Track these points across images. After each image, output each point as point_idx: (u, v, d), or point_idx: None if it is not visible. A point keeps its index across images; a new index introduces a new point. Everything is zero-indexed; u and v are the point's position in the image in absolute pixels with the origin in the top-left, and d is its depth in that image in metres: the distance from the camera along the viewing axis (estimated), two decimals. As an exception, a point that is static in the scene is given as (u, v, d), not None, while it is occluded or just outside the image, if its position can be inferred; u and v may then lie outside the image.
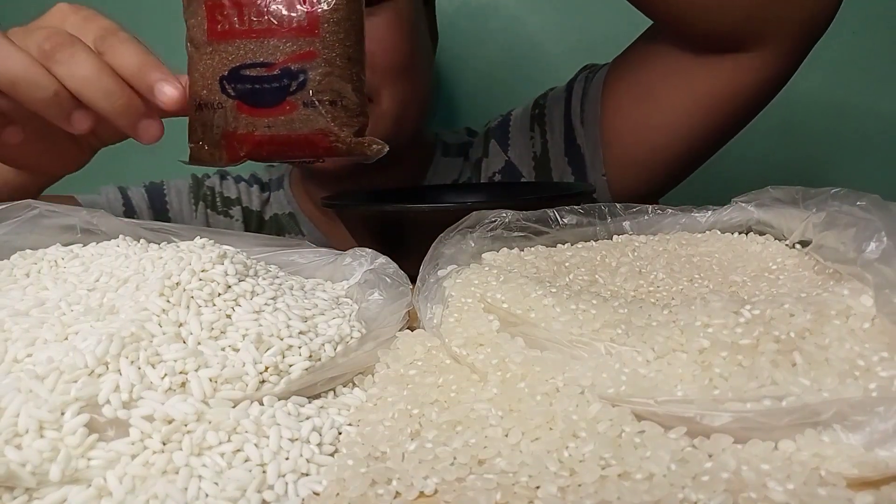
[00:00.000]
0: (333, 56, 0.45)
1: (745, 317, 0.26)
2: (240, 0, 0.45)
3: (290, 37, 0.45)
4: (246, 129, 0.46)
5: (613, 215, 0.46)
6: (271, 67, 0.45)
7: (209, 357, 0.28)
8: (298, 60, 0.45)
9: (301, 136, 0.46)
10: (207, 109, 0.45)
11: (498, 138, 0.80)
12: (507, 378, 0.28)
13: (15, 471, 0.22)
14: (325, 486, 0.24)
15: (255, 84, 0.45)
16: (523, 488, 0.22)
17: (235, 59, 0.45)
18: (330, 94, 0.46)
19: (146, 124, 0.45)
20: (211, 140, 0.46)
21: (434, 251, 0.40)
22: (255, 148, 0.46)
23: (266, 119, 0.46)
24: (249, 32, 0.45)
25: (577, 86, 0.74)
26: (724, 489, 0.21)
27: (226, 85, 0.45)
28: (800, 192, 0.39)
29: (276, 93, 0.45)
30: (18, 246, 0.38)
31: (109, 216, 0.41)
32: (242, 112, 0.45)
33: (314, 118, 0.46)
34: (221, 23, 0.45)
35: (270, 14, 0.44)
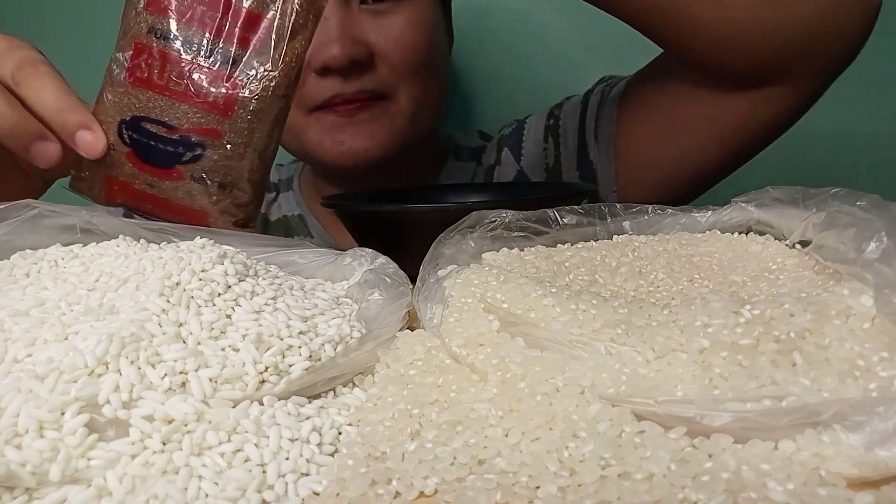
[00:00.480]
0: (238, 143, 0.45)
1: (745, 317, 0.26)
2: (167, 55, 0.44)
3: (201, 109, 0.44)
4: (128, 179, 0.45)
5: (613, 215, 0.46)
6: (172, 130, 0.44)
7: (209, 357, 0.28)
8: (201, 134, 0.44)
9: (179, 206, 0.46)
10: None
11: (511, 147, 0.79)
12: (507, 378, 0.28)
13: (15, 471, 0.22)
14: (325, 486, 0.24)
15: (151, 140, 0.45)
16: (523, 488, 0.22)
17: (142, 109, 0.44)
18: (221, 178, 0.45)
19: (41, 147, 0.42)
20: (94, 175, 0.46)
21: (434, 251, 0.40)
22: (133, 200, 0.46)
23: (150, 177, 0.45)
24: (164, 89, 0.44)
25: (594, 99, 0.73)
26: (724, 489, 0.21)
27: (124, 130, 0.45)
28: (800, 192, 0.39)
29: (168, 156, 0.45)
30: (18, 246, 0.38)
31: (108, 216, 0.41)
32: (130, 161, 0.45)
33: (197, 195, 0.46)
34: (142, 69, 0.45)
35: (191, 80, 0.44)
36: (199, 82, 0.44)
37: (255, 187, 0.47)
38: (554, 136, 0.76)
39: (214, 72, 0.44)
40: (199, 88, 0.44)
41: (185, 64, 0.44)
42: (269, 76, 0.45)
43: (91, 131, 0.43)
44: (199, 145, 0.44)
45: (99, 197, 0.47)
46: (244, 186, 0.46)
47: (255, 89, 0.44)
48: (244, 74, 0.44)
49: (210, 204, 0.46)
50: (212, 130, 0.44)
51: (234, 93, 0.44)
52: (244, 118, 0.45)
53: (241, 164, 0.45)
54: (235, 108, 0.44)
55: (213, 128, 0.44)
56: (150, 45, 0.44)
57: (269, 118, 0.46)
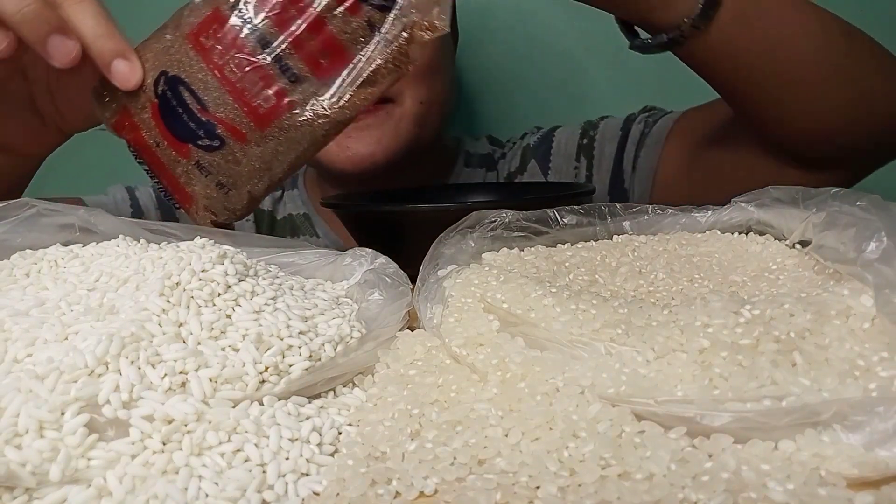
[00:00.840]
0: (257, 155, 0.43)
1: (745, 317, 0.26)
2: (237, 39, 0.42)
3: (241, 108, 0.43)
4: (141, 125, 0.44)
5: (613, 215, 0.46)
6: (204, 111, 0.43)
7: (209, 357, 0.28)
8: (228, 130, 0.43)
9: (172, 178, 0.45)
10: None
11: (539, 159, 0.78)
12: (507, 378, 0.28)
13: (15, 471, 0.22)
14: (325, 486, 0.24)
15: (180, 108, 0.43)
16: (523, 488, 0.22)
17: (187, 74, 0.43)
18: (224, 178, 0.44)
19: (58, 41, 0.40)
20: (114, 99, 0.44)
21: (434, 251, 0.40)
22: (136, 145, 0.45)
23: (161, 139, 0.44)
24: (218, 69, 0.42)
25: (636, 129, 0.72)
26: (724, 489, 0.21)
27: (161, 82, 0.43)
28: (800, 192, 0.39)
29: (187, 131, 0.43)
30: (16, 245, 0.38)
31: (107, 215, 0.41)
32: (151, 112, 0.43)
33: (194, 179, 0.45)
34: (207, 38, 0.43)
35: (247, 76, 0.42)
36: (253, 83, 0.42)
37: (251, 201, 0.46)
38: (587, 156, 0.75)
39: (272, 80, 0.42)
40: (250, 89, 0.42)
41: (249, 58, 0.42)
42: (321, 112, 0.43)
43: (128, 62, 0.42)
44: (220, 138, 0.43)
45: (109, 120, 0.45)
46: (242, 195, 0.45)
47: (300, 117, 0.43)
48: (298, 97, 0.42)
49: (201, 194, 0.45)
50: (239, 133, 0.43)
51: (279, 110, 0.42)
52: (275, 138, 0.43)
53: (250, 176, 0.44)
54: (272, 126, 0.43)
55: (242, 131, 0.43)
56: (226, 19, 0.42)
57: (299, 150, 0.44)
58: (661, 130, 0.70)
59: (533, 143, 0.80)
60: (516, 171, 0.79)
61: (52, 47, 0.39)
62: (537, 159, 0.78)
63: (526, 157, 0.79)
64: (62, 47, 0.39)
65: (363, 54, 0.42)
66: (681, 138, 0.68)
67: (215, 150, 0.43)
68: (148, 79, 0.43)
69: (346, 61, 0.42)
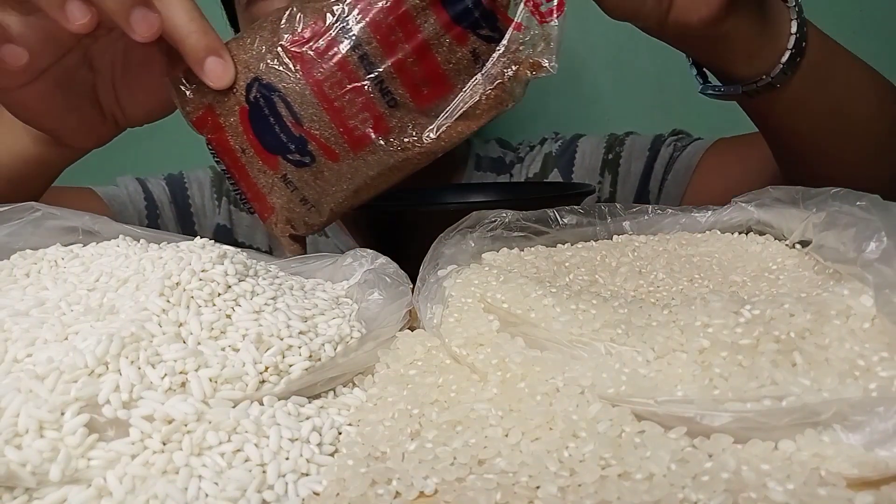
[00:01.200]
0: (346, 176, 0.42)
1: (745, 317, 0.26)
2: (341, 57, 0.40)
3: (337, 129, 0.41)
4: (226, 128, 0.43)
5: (613, 215, 0.46)
6: (298, 126, 0.41)
7: (209, 357, 0.28)
8: (320, 148, 0.41)
9: (254, 187, 0.44)
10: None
11: (561, 168, 0.78)
12: (507, 378, 0.28)
13: (15, 471, 0.22)
14: (325, 486, 0.24)
15: (272, 118, 0.41)
16: (523, 488, 0.22)
17: (283, 84, 0.41)
18: (310, 194, 0.43)
19: (142, 13, 0.38)
20: (198, 95, 0.43)
21: (434, 251, 0.40)
22: (218, 145, 0.43)
23: (248, 146, 0.43)
24: (318, 85, 0.40)
25: (665, 151, 0.72)
26: (724, 489, 0.21)
27: (254, 88, 0.41)
28: (800, 192, 0.39)
29: (278, 144, 0.42)
30: (19, 248, 0.38)
31: (111, 222, 0.40)
32: (240, 118, 0.42)
33: (278, 192, 0.43)
34: (308, 51, 0.40)
35: (346, 97, 0.40)
36: (352, 104, 0.41)
37: (330, 218, 0.45)
38: (612, 172, 0.75)
39: (372, 103, 0.41)
40: (348, 109, 0.41)
41: (351, 78, 0.40)
42: (415, 142, 0.42)
43: (223, 61, 0.40)
44: (311, 155, 0.42)
45: (191, 115, 0.43)
46: (323, 211, 0.44)
47: (394, 145, 0.41)
48: (395, 123, 0.41)
49: (284, 207, 0.44)
50: (332, 152, 0.42)
51: (376, 136, 0.41)
52: (366, 162, 0.42)
53: (335, 195, 0.43)
54: (365, 149, 0.42)
55: (335, 151, 0.41)
56: (331, 35, 0.40)
57: (388, 176, 0.43)
58: (692, 158, 0.70)
59: (556, 152, 0.79)
60: (536, 177, 0.79)
61: (135, 20, 0.38)
62: (560, 169, 0.78)
63: (548, 164, 0.79)
64: (146, 20, 0.38)
65: (465, 86, 0.41)
66: (712, 169, 0.68)
67: (305, 166, 0.42)
68: (239, 82, 0.41)
69: (447, 92, 0.41)
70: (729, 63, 0.47)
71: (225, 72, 0.41)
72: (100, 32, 0.42)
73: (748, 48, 0.45)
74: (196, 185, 0.78)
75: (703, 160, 0.69)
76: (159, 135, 0.58)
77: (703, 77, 0.52)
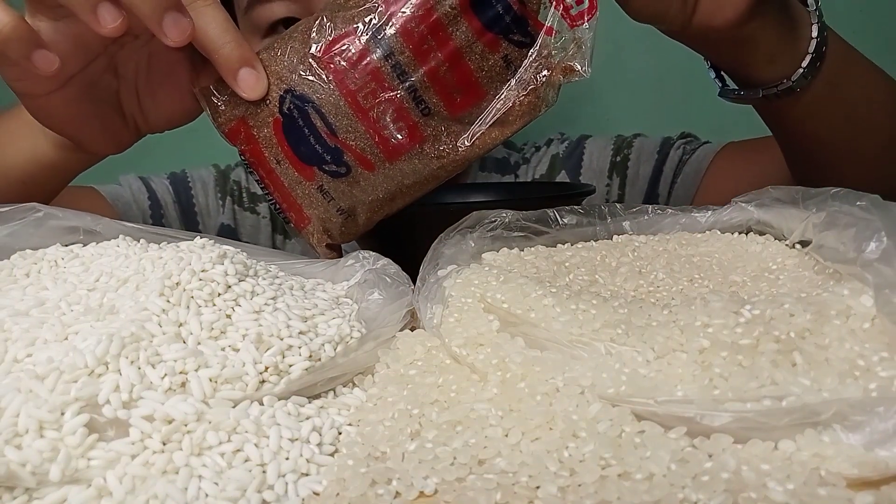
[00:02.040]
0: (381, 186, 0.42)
1: (745, 317, 0.26)
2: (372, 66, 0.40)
3: (372, 139, 0.41)
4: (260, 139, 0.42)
5: (613, 215, 0.46)
6: (333, 137, 0.41)
7: (209, 357, 0.28)
8: (356, 159, 0.41)
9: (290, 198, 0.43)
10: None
11: (569, 170, 0.78)
12: (507, 378, 0.28)
13: (15, 471, 0.22)
14: (325, 486, 0.24)
15: (307, 129, 0.41)
16: (523, 488, 0.22)
17: (317, 96, 0.41)
18: (347, 204, 0.43)
19: (175, 18, 0.37)
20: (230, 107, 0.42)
21: (434, 251, 0.40)
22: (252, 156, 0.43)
23: (283, 156, 0.42)
24: (351, 96, 0.40)
25: (674, 153, 0.72)
26: (724, 489, 0.21)
27: (288, 100, 0.41)
28: (800, 192, 0.39)
29: (313, 155, 0.42)
30: (20, 247, 0.38)
31: (112, 222, 0.40)
32: (274, 129, 0.42)
33: (315, 203, 0.43)
34: (341, 62, 0.40)
35: (380, 107, 0.40)
36: (386, 114, 0.40)
37: (366, 226, 0.45)
38: (620, 175, 0.75)
39: (406, 113, 0.40)
40: (383, 119, 0.40)
41: (385, 88, 0.40)
42: (450, 149, 0.42)
43: (256, 72, 0.40)
44: (346, 165, 0.41)
45: (223, 126, 0.43)
46: (359, 220, 0.44)
47: (429, 153, 0.41)
48: (430, 132, 0.41)
49: (320, 217, 0.43)
50: (368, 162, 0.41)
51: (410, 145, 0.41)
52: (402, 171, 0.42)
53: (371, 204, 0.43)
54: (401, 159, 0.41)
55: (370, 161, 0.41)
56: (363, 45, 0.40)
57: (424, 184, 0.43)
58: (702, 161, 0.70)
59: (563, 153, 0.79)
60: (542, 178, 0.79)
61: (167, 25, 0.37)
62: (568, 170, 0.78)
63: (555, 166, 0.79)
64: (178, 25, 0.37)
65: (498, 93, 0.41)
66: (721, 173, 0.68)
67: (341, 176, 0.42)
68: (272, 93, 0.41)
69: (480, 99, 0.42)
70: (750, 66, 0.47)
71: (258, 83, 0.40)
72: (126, 39, 0.42)
73: (770, 52, 0.45)
74: (200, 184, 0.78)
75: (713, 164, 0.69)
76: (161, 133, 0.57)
77: (721, 80, 0.52)
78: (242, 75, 0.40)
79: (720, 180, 0.68)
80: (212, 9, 0.40)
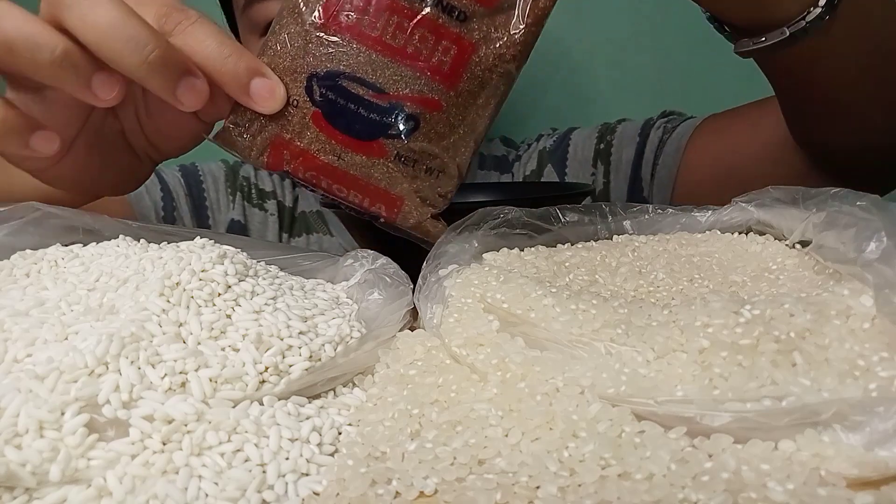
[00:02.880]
0: (458, 121, 0.37)
1: (745, 317, 0.26)
2: (383, 4, 0.35)
3: (423, 73, 0.36)
4: (307, 146, 0.38)
5: (614, 214, 0.46)
6: (382, 95, 0.36)
7: (209, 357, 0.28)
8: (419, 104, 0.36)
9: (369, 187, 0.38)
10: None
11: (555, 163, 0.77)
12: (507, 378, 0.28)
13: (15, 471, 0.22)
14: (325, 486, 0.24)
15: (352, 104, 0.37)
16: (523, 488, 0.22)
17: (343, 63, 0.36)
18: (431, 161, 0.38)
19: (188, 84, 0.35)
20: (257, 134, 0.38)
21: (437, 250, 0.40)
22: (310, 171, 0.38)
23: (341, 147, 0.37)
24: (378, 42, 0.36)
25: (654, 134, 0.70)
26: (724, 489, 0.21)
27: (315, 85, 0.36)
28: (800, 192, 0.39)
29: (371, 126, 0.37)
30: (20, 247, 0.38)
31: (112, 221, 0.40)
32: (316, 125, 0.37)
33: (398, 176, 0.38)
34: (348, 12, 0.36)
35: (413, 34, 0.36)
36: (425, 39, 0.36)
37: (460, 176, 0.40)
38: (605, 161, 0.74)
39: (443, 28, 0.36)
40: (424, 47, 0.36)
41: (408, 13, 0.35)
42: (507, 42, 0.37)
43: (267, 78, 0.36)
44: (412, 118, 0.37)
45: (257, 158, 0.39)
46: (452, 171, 0.39)
47: (487, 54, 0.37)
48: (477, 36, 0.36)
49: (412, 190, 0.38)
50: (431, 101, 0.36)
51: (464, 57, 0.36)
52: (470, 91, 0.37)
53: (455, 147, 0.38)
54: (463, 77, 0.36)
55: (433, 98, 0.36)
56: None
57: (497, 93, 0.38)
58: (681, 137, 0.68)
59: (549, 147, 0.78)
60: (532, 174, 0.78)
61: (182, 93, 0.35)
62: (554, 164, 0.77)
63: (542, 161, 0.78)
64: (193, 91, 0.35)
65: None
66: (701, 146, 0.66)
67: (412, 132, 0.37)
68: (292, 90, 0.37)
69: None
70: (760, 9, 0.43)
71: (275, 89, 0.37)
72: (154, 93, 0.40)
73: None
74: (211, 178, 0.77)
75: (693, 139, 0.67)
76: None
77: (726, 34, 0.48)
78: (255, 87, 0.36)
79: (700, 155, 0.66)
80: (200, 25, 0.36)
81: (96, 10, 0.32)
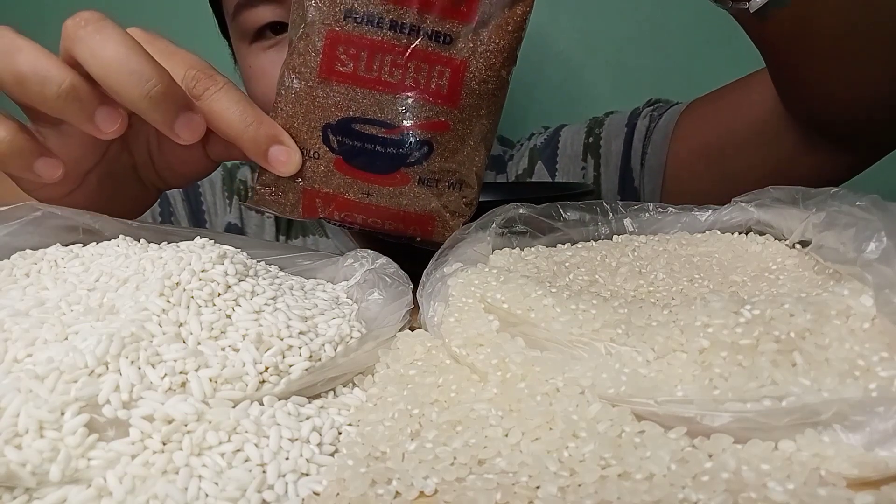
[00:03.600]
0: (466, 134, 0.40)
1: (745, 317, 0.26)
2: (374, 42, 0.37)
3: (425, 100, 0.38)
4: (336, 190, 0.40)
5: (615, 212, 0.46)
6: (393, 130, 0.39)
7: (209, 357, 0.28)
8: (428, 129, 0.39)
9: (404, 213, 0.40)
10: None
11: (545, 160, 0.77)
12: (507, 378, 0.28)
13: (15, 471, 0.22)
14: (325, 486, 0.24)
15: (368, 143, 0.39)
16: (523, 488, 0.22)
17: (351, 109, 0.39)
18: (451, 178, 0.40)
19: (186, 119, 0.37)
20: (286, 189, 0.40)
21: (442, 248, 0.40)
22: (343, 212, 0.41)
23: (367, 185, 0.40)
24: (377, 83, 0.38)
25: (641, 124, 0.70)
26: (724, 489, 0.21)
27: (330, 135, 0.39)
28: (800, 192, 0.39)
29: (390, 160, 0.39)
30: (20, 247, 0.38)
31: (112, 220, 0.40)
32: (340, 170, 0.39)
33: (426, 198, 0.40)
34: (344, 62, 0.38)
35: (408, 67, 0.38)
36: (420, 69, 0.38)
37: (480, 180, 0.42)
38: (594, 155, 0.74)
39: (432, 54, 0.38)
40: (420, 76, 0.38)
41: (399, 49, 0.37)
42: (491, 49, 0.38)
43: (284, 146, 0.39)
44: (426, 143, 0.39)
45: (293, 211, 0.41)
46: (472, 181, 0.41)
47: (479, 68, 0.38)
48: (466, 53, 0.38)
49: (440, 207, 0.41)
50: (439, 124, 0.39)
51: (458, 76, 0.38)
52: (471, 104, 0.39)
53: (470, 159, 0.40)
54: (462, 95, 0.39)
55: (440, 120, 0.39)
56: (350, 33, 0.38)
57: (495, 100, 0.40)
58: (668, 124, 0.68)
59: (540, 145, 0.78)
60: (524, 173, 0.78)
61: (180, 127, 0.37)
62: (544, 161, 0.77)
63: (533, 158, 0.78)
64: (190, 125, 0.37)
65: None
66: (688, 131, 0.67)
67: (428, 156, 0.40)
68: (311, 144, 0.39)
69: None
70: None
71: (291, 156, 0.39)
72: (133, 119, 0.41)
73: None
74: (208, 182, 0.78)
75: (679, 125, 0.67)
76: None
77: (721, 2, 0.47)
78: (273, 154, 0.39)
79: (688, 139, 0.66)
80: (226, 93, 0.38)
81: (106, 44, 0.34)
